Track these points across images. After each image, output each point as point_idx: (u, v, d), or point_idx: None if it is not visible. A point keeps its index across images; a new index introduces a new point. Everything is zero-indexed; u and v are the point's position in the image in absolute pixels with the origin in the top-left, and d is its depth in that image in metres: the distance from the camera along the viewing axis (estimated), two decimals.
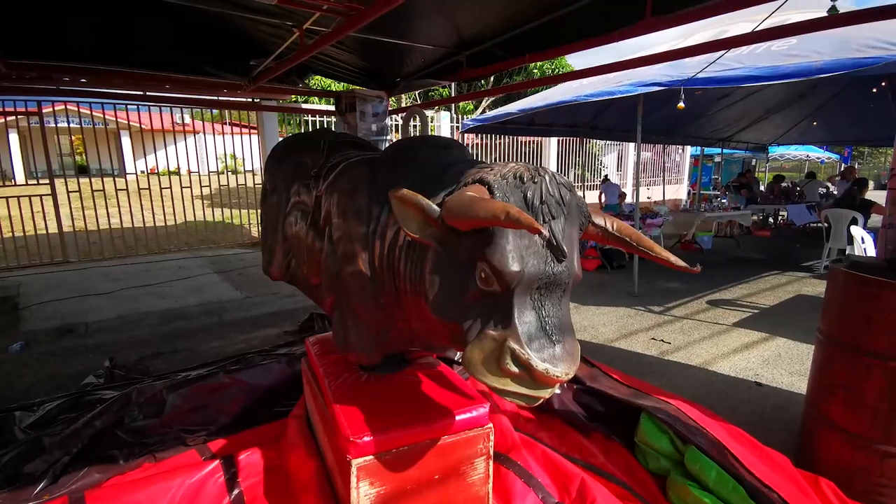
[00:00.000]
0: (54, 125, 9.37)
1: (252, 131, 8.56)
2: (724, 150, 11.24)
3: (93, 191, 7.00)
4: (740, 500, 1.76)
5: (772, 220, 10.81)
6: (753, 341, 3.88)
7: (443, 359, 2.40)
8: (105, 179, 7.03)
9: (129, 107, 6.89)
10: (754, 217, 9.61)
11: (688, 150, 14.70)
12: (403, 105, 9.75)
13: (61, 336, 3.99)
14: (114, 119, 10.32)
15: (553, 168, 7.60)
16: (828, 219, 6.41)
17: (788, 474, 1.95)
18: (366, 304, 1.65)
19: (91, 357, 3.58)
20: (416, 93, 12.46)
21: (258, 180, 7.93)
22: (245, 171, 8.27)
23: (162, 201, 7.63)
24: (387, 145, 3.85)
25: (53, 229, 6.71)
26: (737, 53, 4.05)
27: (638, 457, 2.17)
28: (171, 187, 7.55)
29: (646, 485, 2.03)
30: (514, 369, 1.13)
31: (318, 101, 9.59)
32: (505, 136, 10.72)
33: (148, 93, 4.86)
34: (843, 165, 15.57)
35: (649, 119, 6.01)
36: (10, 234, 6.85)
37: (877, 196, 6.63)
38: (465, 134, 7.54)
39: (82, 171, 10.26)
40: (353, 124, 4.66)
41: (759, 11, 3.11)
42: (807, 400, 2.28)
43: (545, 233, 1.18)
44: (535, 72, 13.50)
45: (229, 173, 8.50)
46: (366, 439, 1.52)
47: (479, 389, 1.93)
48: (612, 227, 1.36)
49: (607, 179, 10.39)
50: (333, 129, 4.93)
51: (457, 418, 1.65)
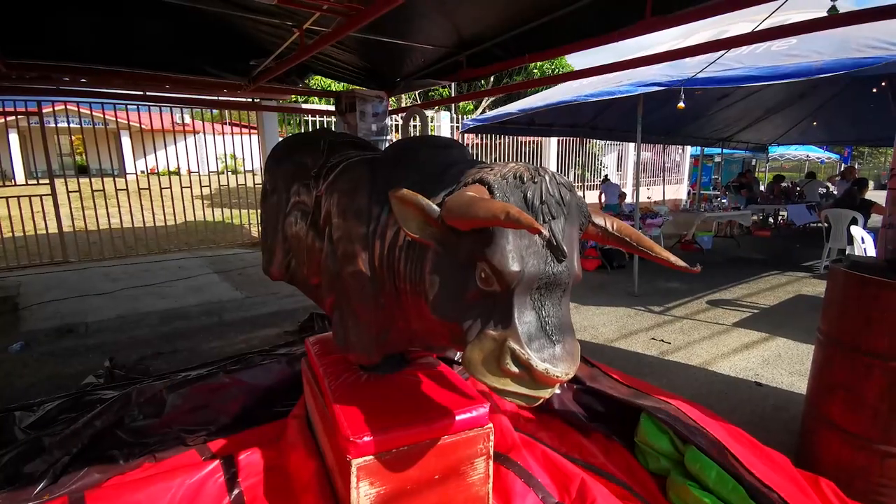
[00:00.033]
0: (54, 125, 9.37)
1: (252, 131, 8.55)
2: (724, 150, 11.24)
3: (93, 191, 7.00)
4: (740, 500, 1.76)
5: (772, 220, 10.81)
6: (753, 341, 3.88)
7: (443, 359, 2.40)
8: (105, 179, 7.03)
9: (128, 107, 6.89)
10: (754, 217, 9.61)
11: (688, 150, 14.71)
12: (403, 105, 9.75)
13: (61, 336, 3.99)
14: (114, 119, 10.32)
15: (553, 168, 7.59)
16: (828, 219, 6.41)
17: (788, 474, 1.95)
18: (366, 304, 1.65)
19: (91, 357, 3.58)
20: (416, 93, 12.46)
21: (258, 180, 7.93)
22: (245, 171, 8.27)
23: (162, 201, 7.63)
24: (387, 145, 3.85)
25: (53, 229, 6.71)
26: (737, 53, 4.05)
27: (638, 457, 2.17)
28: (171, 187, 7.55)
29: (646, 485, 2.03)
30: (514, 369, 1.13)
31: (318, 101, 9.59)
32: (505, 136, 10.72)
33: (148, 93, 4.86)
34: (843, 165, 15.58)
35: (649, 119, 6.01)
36: (10, 234, 6.85)
37: (877, 196, 6.63)
38: (465, 134, 7.54)
39: (82, 171, 10.26)
40: (353, 124, 4.66)
41: (759, 11, 3.11)
42: (807, 400, 2.28)
43: (545, 233, 1.18)
44: (535, 72, 13.51)
45: (229, 173, 8.51)
46: (366, 439, 1.52)
47: (479, 389, 1.93)
48: (612, 227, 1.35)
49: (607, 179, 10.39)
50: (333, 129, 4.94)
51: (457, 418, 1.65)
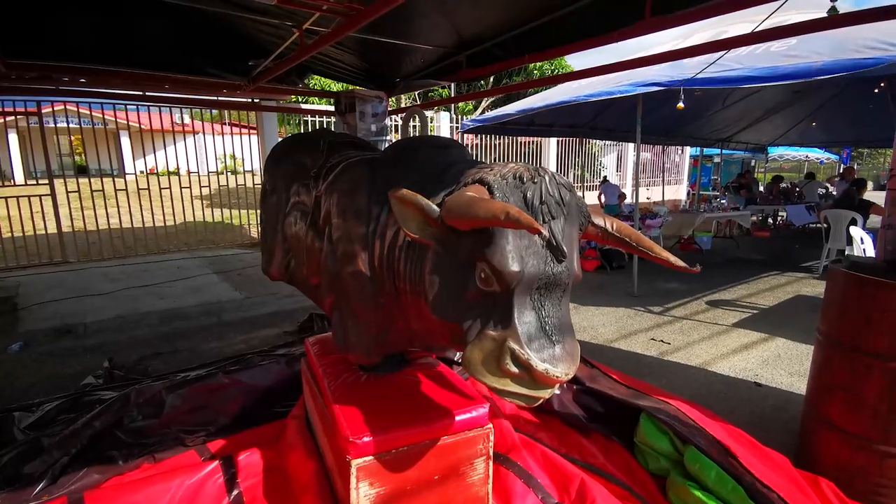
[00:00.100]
0: (54, 125, 9.35)
1: (251, 131, 8.55)
2: (724, 151, 11.25)
3: (92, 191, 6.99)
4: (740, 500, 1.76)
5: (771, 221, 10.82)
6: (753, 342, 3.88)
7: (443, 359, 2.40)
8: (104, 180, 7.02)
9: (128, 107, 6.88)
10: (753, 218, 9.62)
11: (687, 150, 14.72)
12: (403, 105, 9.75)
13: (60, 336, 3.98)
14: (113, 119, 10.32)
15: (552, 168, 7.60)
16: (827, 219, 6.41)
17: (788, 474, 1.95)
18: (365, 304, 1.65)
19: (90, 357, 3.57)
20: (416, 93, 12.47)
21: (257, 181, 7.93)
22: (244, 172, 8.27)
23: (161, 202, 7.62)
24: (386, 145, 3.85)
25: (53, 229, 6.70)
26: (736, 54, 4.05)
27: (637, 457, 2.17)
28: (170, 187, 7.54)
29: (645, 485, 2.03)
30: (514, 369, 1.13)
31: (318, 102, 9.58)
32: (504, 137, 10.72)
33: (147, 93, 4.86)
34: (842, 166, 15.60)
35: (649, 119, 6.01)
36: (10, 235, 6.84)
37: (876, 197, 6.64)
38: (465, 134, 7.54)
39: (81, 171, 10.25)
40: (352, 124, 4.66)
41: (759, 12, 3.11)
42: (806, 400, 2.28)
43: (545, 233, 1.18)
44: (534, 72, 13.51)
45: (229, 174, 8.50)
46: (365, 440, 1.52)
47: (478, 390, 1.93)
48: (612, 228, 1.35)
49: (606, 180, 10.40)
50: (333, 129, 4.94)
51: (456, 419, 1.65)
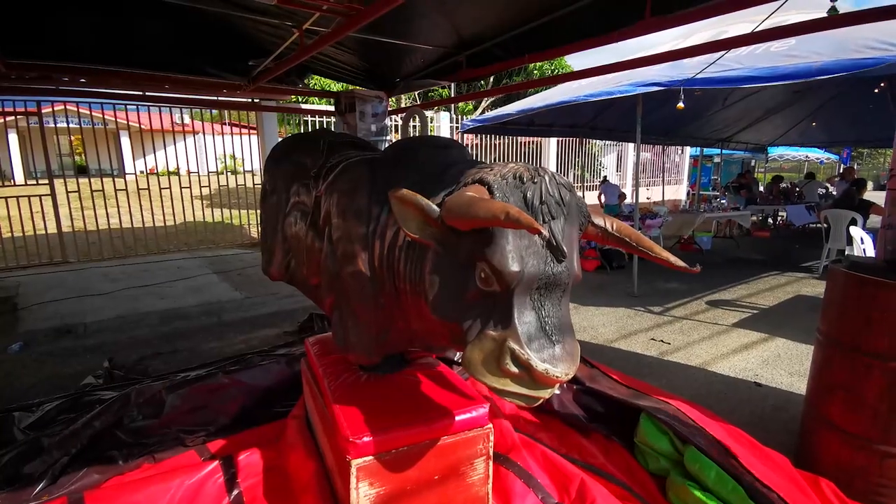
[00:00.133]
0: (53, 125, 9.35)
1: (251, 132, 8.55)
2: (724, 151, 11.25)
3: (92, 191, 6.99)
4: (740, 500, 1.76)
5: (771, 221, 10.82)
6: (753, 342, 3.88)
7: (442, 359, 2.40)
8: (104, 180, 7.01)
9: (128, 107, 6.88)
10: (753, 218, 9.61)
11: (687, 150, 14.71)
12: (403, 105, 9.75)
13: (60, 336, 3.98)
14: (113, 119, 10.32)
15: (552, 168, 7.60)
16: (827, 219, 6.41)
17: (788, 474, 1.95)
18: (365, 304, 1.65)
19: (90, 357, 3.57)
20: (416, 93, 12.47)
21: (257, 181, 7.93)
22: (244, 172, 8.27)
23: (161, 202, 7.62)
24: (386, 146, 3.85)
25: (53, 229, 6.70)
26: (736, 54, 4.05)
27: (637, 457, 2.17)
28: (170, 188, 7.54)
29: (645, 485, 2.03)
30: (514, 369, 1.13)
31: (318, 102, 9.59)
32: (504, 137, 10.72)
33: (147, 93, 4.86)
34: (842, 166, 15.60)
35: (649, 119, 6.01)
36: (10, 235, 6.84)
37: (876, 196, 6.63)
38: (465, 134, 7.54)
39: (81, 171, 10.25)
40: (352, 124, 4.66)
41: (759, 12, 3.11)
42: (806, 400, 2.28)
43: (545, 233, 1.18)
44: (534, 72, 13.51)
45: (228, 174, 8.50)
46: (365, 440, 1.52)
47: (478, 390, 1.93)
48: (612, 228, 1.35)
49: (606, 180, 10.40)
50: (333, 129, 4.94)
51: (456, 419, 1.64)
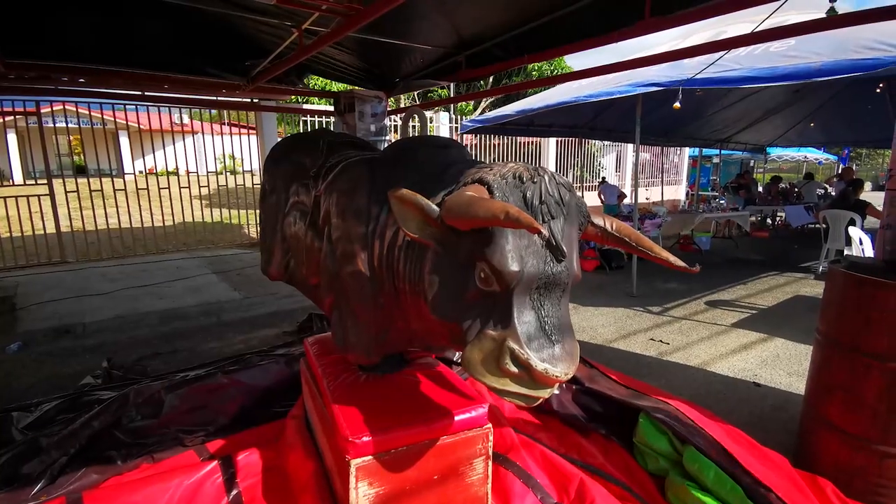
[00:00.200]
0: (52, 125, 9.34)
1: (251, 132, 8.54)
2: (723, 151, 11.26)
3: (91, 191, 6.98)
4: (738, 500, 1.76)
5: (769, 221, 10.83)
6: (752, 342, 3.89)
7: (442, 359, 2.40)
8: (103, 180, 7.02)
9: (127, 107, 6.88)
10: (752, 218, 9.62)
11: (686, 150, 14.72)
12: (402, 105, 9.75)
13: (59, 336, 3.97)
14: (112, 119, 10.30)
15: (552, 168, 7.60)
16: (826, 220, 6.42)
17: (787, 474, 1.95)
18: (365, 304, 1.65)
19: (89, 357, 3.57)
20: (415, 93, 12.46)
21: (256, 181, 7.92)
22: (243, 172, 8.26)
23: (160, 202, 7.61)
24: (386, 145, 3.85)
25: (51, 229, 6.69)
26: (735, 54, 4.05)
27: (637, 457, 2.17)
28: (169, 188, 7.53)
29: (644, 485, 2.03)
30: (514, 369, 1.13)
31: (318, 102, 9.58)
32: (504, 137, 10.72)
33: (146, 93, 4.85)
34: (840, 167, 15.63)
35: (648, 120, 6.01)
36: (8, 235, 6.84)
37: (875, 197, 6.64)
38: (464, 134, 7.54)
39: (80, 171, 10.26)
40: (351, 124, 4.66)
41: (759, 12, 3.11)
42: (805, 400, 2.28)
43: (544, 232, 1.18)
44: (533, 73, 13.52)
45: (228, 174, 8.49)
46: (365, 439, 1.52)
47: (478, 390, 1.93)
48: (612, 228, 1.35)
49: (605, 181, 10.41)
50: (332, 129, 4.93)
51: (456, 418, 1.64)
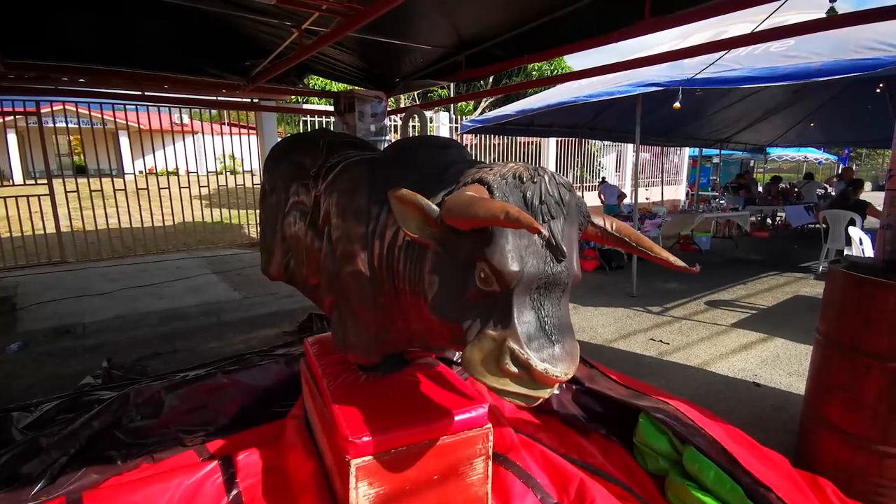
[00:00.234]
0: (52, 125, 9.34)
1: (251, 132, 8.54)
2: (723, 151, 11.26)
3: (91, 191, 6.98)
4: (738, 500, 1.76)
5: (769, 221, 10.83)
6: (752, 342, 3.89)
7: (442, 359, 2.40)
8: (103, 179, 7.01)
9: (127, 107, 6.87)
10: (752, 218, 9.63)
11: (686, 151, 14.72)
12: (402, 105, 9.75)
13: (59, 336, 3.97)
14: (112, 119, 10.29)
15: (552, 169, 7.60)
16: (826, 220, 6.42)
17: (787, 474, 1.95)
18: (365, 303, 1.65)
19: (89, 357, 3.57)
20: (415, 93, 12.46)
21: (256, 181, 7.93)
22: (243, 172, 8.26)
23: (160, 202, 7.61)
24: (386, 145, 3.85)
25: (51, 229, 6.69)
26: (735, 54, 4.05)
27: (637, 457, 2.17)
28: (169, 188, 7.53)
29: (644, 485, 2.03)
30: (514, 369, 1.13)
31: (318, 102, 9.58)
32: (504, 137, 10.72)
33: (146, 93, 4.85)
34: (840, 167, 15.63)
35: (648, 120, 6.01)
36: (8, 235, 6.83)
37: (875, 197, 6.63)
38: (464, 134, 7.54)
39: (80, 171, 10.26)
40: (351, 124, 4.66)
41: (759, 12, 3.11)
42: (805, 400, 2.28)
43: (544, 232, 1.18)
44: (533, 73, 13.52)
45: (228, 174, 8.49)
46: (365, 439, 1.52)
47: (478, 390, 1.93)
48: (612, 228, 1.35)
49: (605, 181, 10.41)
50: (332, 129, 4.93)
51: (456, 418, 1.64)
